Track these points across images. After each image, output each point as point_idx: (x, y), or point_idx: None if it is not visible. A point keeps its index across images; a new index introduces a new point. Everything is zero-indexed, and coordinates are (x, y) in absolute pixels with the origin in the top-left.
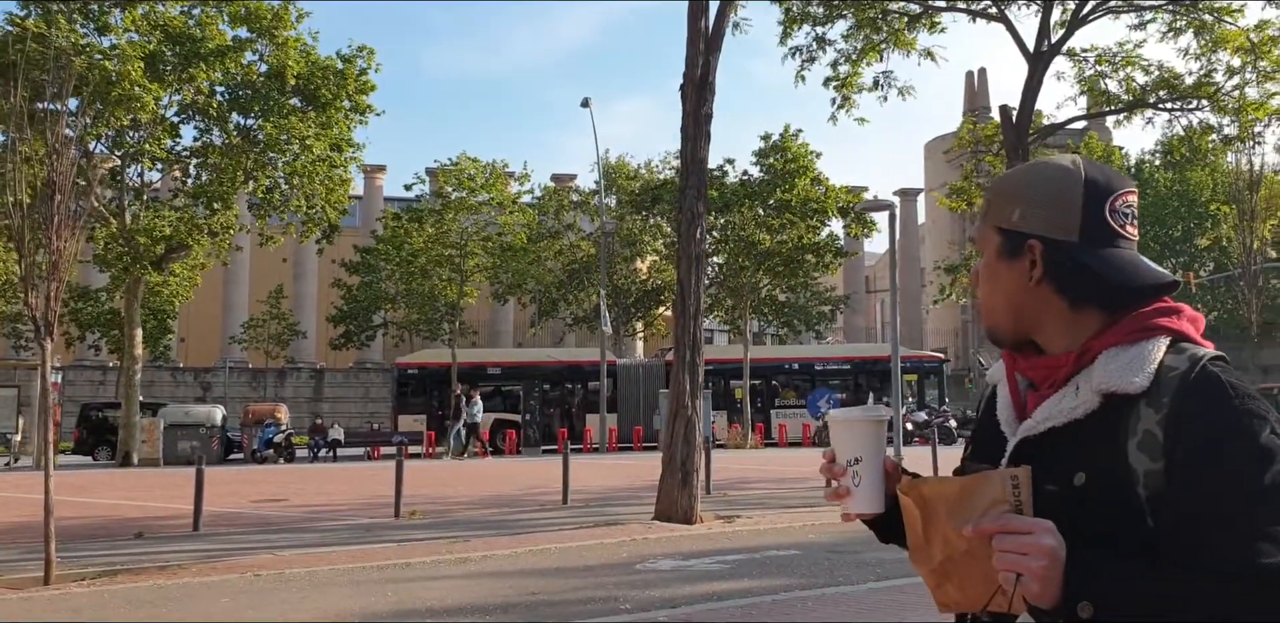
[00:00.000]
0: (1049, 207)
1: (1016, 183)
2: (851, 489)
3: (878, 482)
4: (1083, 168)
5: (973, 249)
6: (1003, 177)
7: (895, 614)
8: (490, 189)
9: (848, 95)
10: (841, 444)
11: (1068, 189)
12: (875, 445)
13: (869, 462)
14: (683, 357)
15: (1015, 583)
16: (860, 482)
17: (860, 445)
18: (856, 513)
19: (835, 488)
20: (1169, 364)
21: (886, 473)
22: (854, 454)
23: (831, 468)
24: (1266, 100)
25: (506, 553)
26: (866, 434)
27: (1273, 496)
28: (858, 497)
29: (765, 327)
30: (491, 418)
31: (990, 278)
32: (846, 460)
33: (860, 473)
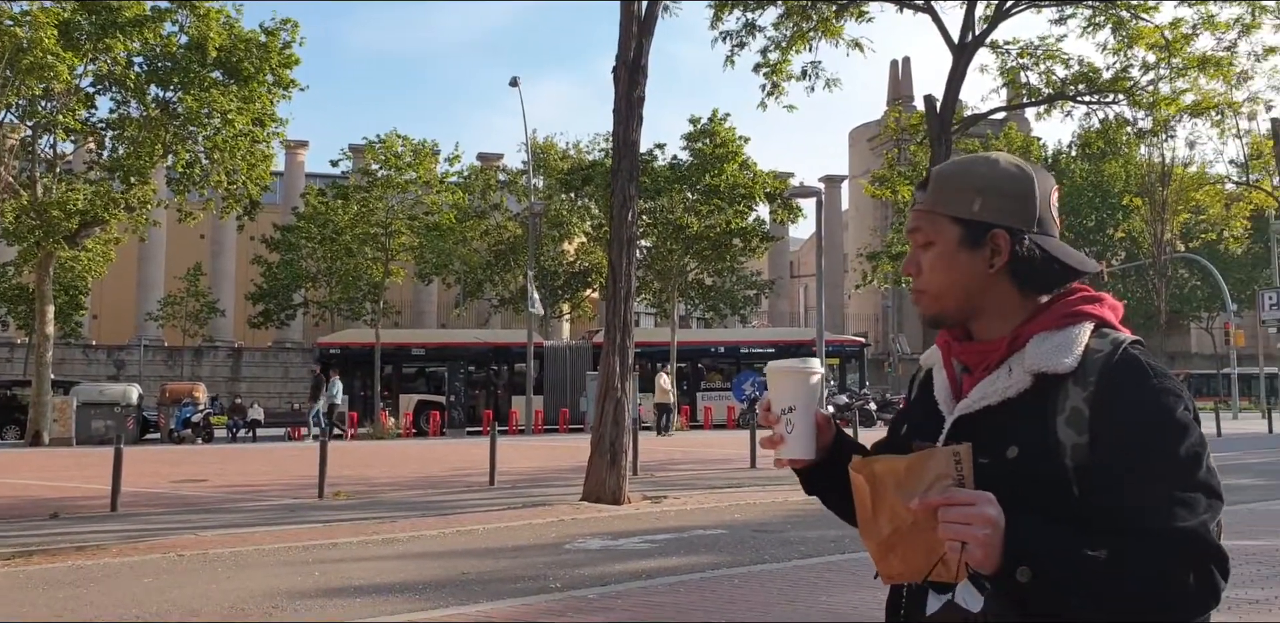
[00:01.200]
0: (1010, 198)
1: (973, 175)
2: (785, 436)
3: (809, 430)
4: (1022, 163)
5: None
6: (951, 169)
7: (820, 590)
8: (418, 168)
9: (777, 82)
10: (777, 393)
11: (1024, 182)
12: (809, 396)
13: (802, 411)
14: (613, 339)
15: (960, 551)
16: (793, 430)
17: (794, 395)
18: (788, 458)
19: (770, 435)
20: (1094, 347)
21: (818, 424)
22: (788, 403)
23: (768, 416)
24: (1179, 96)
25: (434, 534)
26: (800, 385)
27: (1187, 465)
28: (790, 444)
29: (691, 310)
30: (415, 399)
31: (947, 266)
32: (781, 409)
33: (794, 422)
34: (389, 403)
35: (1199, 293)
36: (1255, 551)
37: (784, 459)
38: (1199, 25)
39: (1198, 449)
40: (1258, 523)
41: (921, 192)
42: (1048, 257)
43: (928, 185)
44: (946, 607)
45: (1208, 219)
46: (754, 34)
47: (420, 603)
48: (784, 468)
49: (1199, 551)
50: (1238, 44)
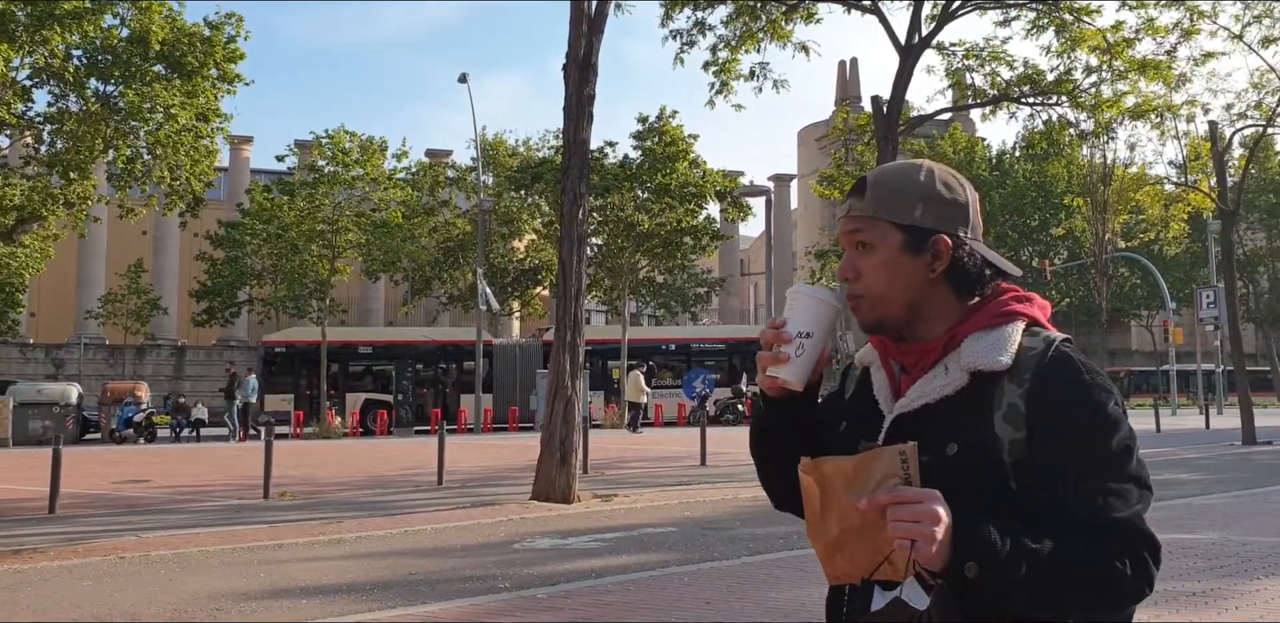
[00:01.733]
0: (949, 205)
1: (914, 182)
2: (792, 358)
3: (814, 361)
4: (953, 171)
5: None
6: (890, 176)
7: (769, 587)
8: (365, 164)
9: (726, 81)
10: (798, 317)
11: (961, 189)
12: (828, 328)
13: (817, 340)
14: (563, 337)
15: (910, 549)
16: (803, 354)
17: (816, 323)
18: (784, 379)
19: (776, 353)
20: (1027, 345)
21: (822, 360)
22: (808, 329)
23: (781, 334)
24: (1120, 98)
25: (382, 534)
26: (826, 314)
27: (1120, 458)
28: (794, 367)
29: (642, 308)
30: (362, 398)
31: (890, 272)
32: (798, 332)
33: (805, 348)
34: (335, 402)
35: (1139, 291)
36: (1193, 544)
37: (779, 379)
38: (1140, 29)
39: (1128, 442)
40: (1195, 517)
41: (857, 197)
42: (983, 261)
43: (864, 191)
44: (892, 604)
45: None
46: (704, 33)
47: (367, 604)
48: (770, 387)
49: (1134, 540)
50: (1177, 48)
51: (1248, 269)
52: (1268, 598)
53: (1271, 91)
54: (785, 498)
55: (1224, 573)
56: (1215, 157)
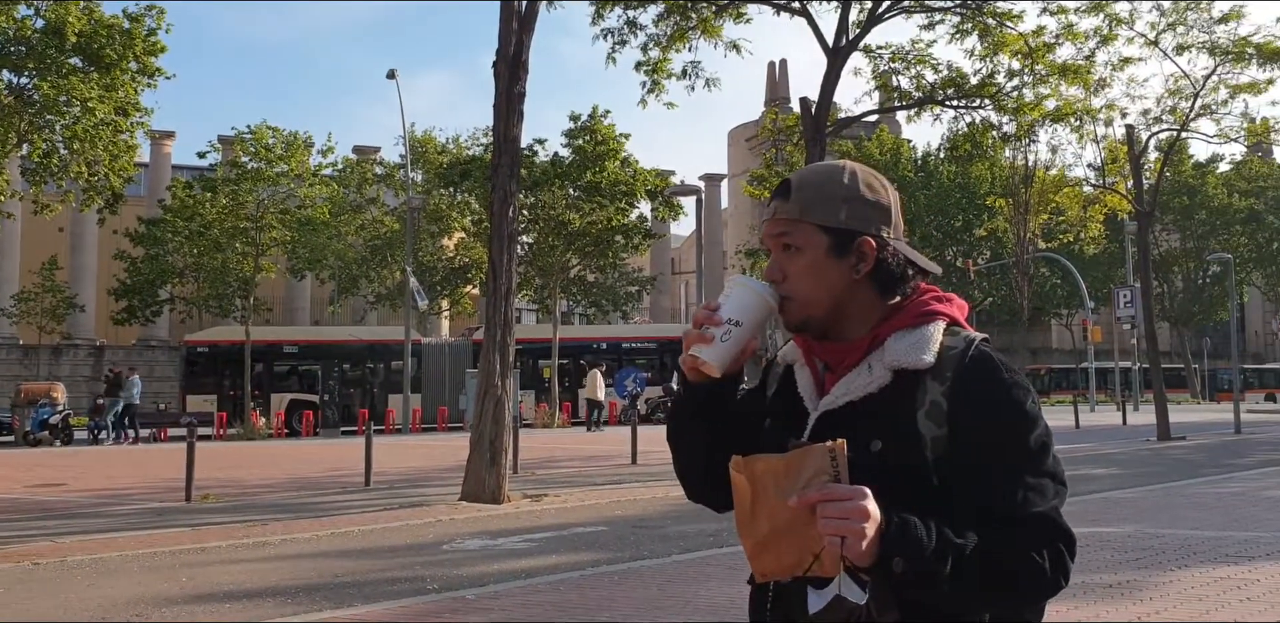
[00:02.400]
0: (873, 207)
1: (837, 184)
2: (716, 340)
3: (737, 350)
4: (875, 172)
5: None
6: (815, 178)
7: (699, 585)
8: (290, 160)
9: (658, 80)
10: (733, 304)
11: (884, 190)
12: (758, 321)
13: (744, 330)
14: (493, 336)
15: (840, 545)
16: (728, 340)
17: (747, 314)
18: (704, 360)
19: (702, 332)
20: (948, 344)
21: (745, 352)
22: (739, 317)
23: (712, 316)
24: (1041, 102)
25: (308, 536)
26: (758, 309)
27: (1038, 454)
28: (716, 350)
29: (574, 306)
30: (287, 398)
31: (817, 274)
32: (729, 318)
33: (732, 334)
34: (260, 402)
35: (1059, 291)
36: (1109, 537)
37: (698, 359)
38: (1060, 34)
39: (1045, 439)
40: (1111, 510)
41: (781, 199)
42: (906, 260)
43: (789, 194)
44: (833, 603)
45: (1067, 220)
46: (635, 32)
47: (292, 607)
48: (690, 367)
49: (1052, 534)
50: (1095, 54)
51: (1163, 269)
52: (1181, 589)
53: (1185, 97)
54: (698, 488)
55: (1139, 565)
56: (1132, 160)
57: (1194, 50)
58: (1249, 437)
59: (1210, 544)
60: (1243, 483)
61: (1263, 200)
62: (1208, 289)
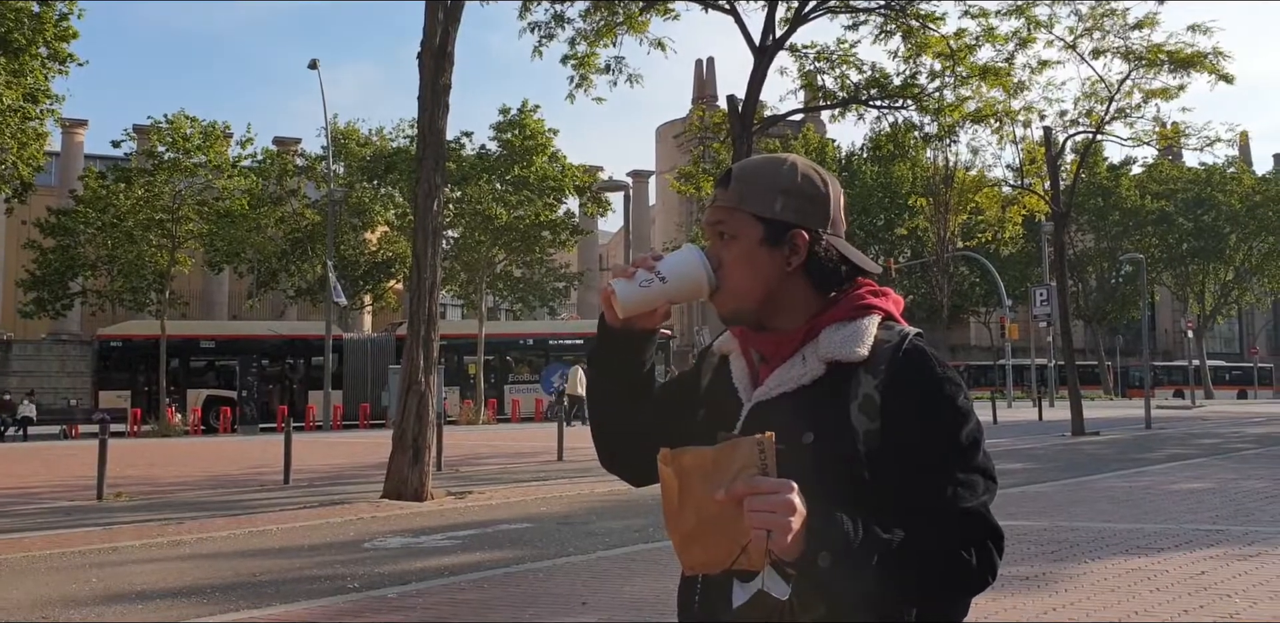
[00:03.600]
0: (809, 200)
1: (776, 176)
2: (636, 279)
3: (648, 301)
4: (818, 167)
5: (698, 232)
6: (754, 168)
7: (624, 580)
8: (208, 151)
9: (585, 74)
10: (673, 263)
11: (821, 185)
12: (683, 288)
13: (666, 288)
14: (416, 331)
15: (766, 539)
16: (646, 287)
17: (679, 277)
18: (614, 290)
19: (627, 269)
20: (882, 338)
21: (658, 312)
22: (669, 274)
23: (648, 262)
24: (961, 103)
25: (224, 535)
26: (692, 278)
27: (968, 450)
28: (630, 289)
29: (500, 302)
30: (204, 394)
31: (749, 264)
32: (661, 272)
33: (653, 285)
34: (176, 399)
35: (978, 289)
36: (1025, 530)
37: (609, 288)
38: (981, 37)
39: (976, 435)
40: (1027, 504)
41: (722, 187)
42: (840, 257)
43: (730, 182)
44: (756, 597)
45: (985, 220)
46: (562, 26)
47: (208, 607)
48: (604, 296)
49: (981, 530)
50: (1015, 56)
51: (1078, 269)
52: (1094, 580)
53: (1100, 100)
54: (613, 457)
55: (1055, 557)
56: (1049, 161)
57: (1110, 55)
58: (1159, 432)
59: (1122, 537)
60: (1152, 477)
61: (1173, 203)
62: (1120, 288)
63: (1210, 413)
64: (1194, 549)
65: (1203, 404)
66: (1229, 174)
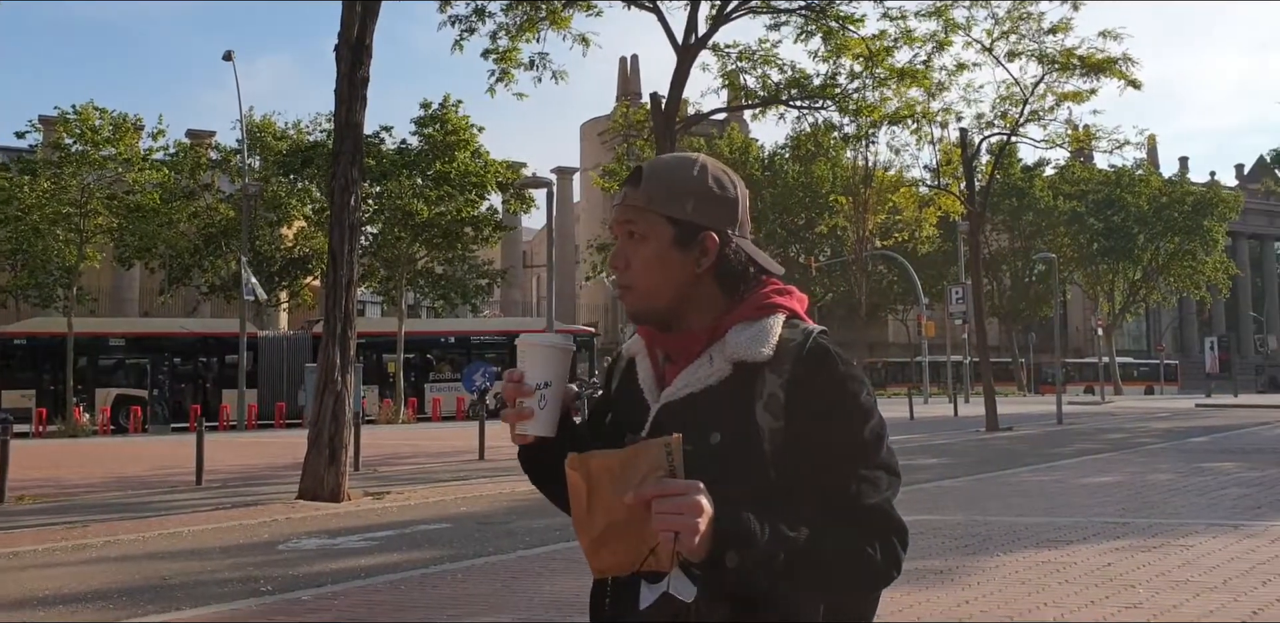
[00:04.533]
0: (719, 203)
1: (687, 178)
2: (536, 411)
3: (559, 406)
4: (727, 169)
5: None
6: (665, 169)
7: (544, 580)
8: (118, 143)
9: (506, 69)
10: (534, 368)
11: (730, 187)
12: (564, 373)
13: (556, 387)
14: (333, 329)
15: (674, 541)
16: (545, 405)
17: (552, 371)
18: (535, 435)
19: (520, 409)
20: (787, 337)
21: (566, 403)
22: (545, 379)
23: (521, 388)
24: (880, 104)
25: (133, 538)
26: (560, 360)
27: (872, 446)
28: (540, 419)
29: (421, 299)
30: (113, 393)
31: (659, 265)
32: (537, 383)
33: (547, 397)
34: (83, 398)
35: (896, 287)
36: (939, 524)
37: (529, 436)
38: (899, 39)
39: (880, 431)
40: (942, 498)
41: (632, 186)
42: (748, 258)
43: (640, 182)
44: (661, 600)
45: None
46: (483, 20)
47: (114, 612)
48: (525, 443)
49: (884, 526)
50: (931, 58)
51: (992, 268)
52: (1006, 574)
53: (1015, 103)
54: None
55: (968, 551)
56: (965, 162)
57: (1024, 58)
58: (1070, 427)
59: (1033, 530)
60: (1063, 471)
61: (1084, 203)
62: (1034, 287)
63: (1119, 409)
64: (1101, 542)
65: (1112, 400)
66: (1137, 176)
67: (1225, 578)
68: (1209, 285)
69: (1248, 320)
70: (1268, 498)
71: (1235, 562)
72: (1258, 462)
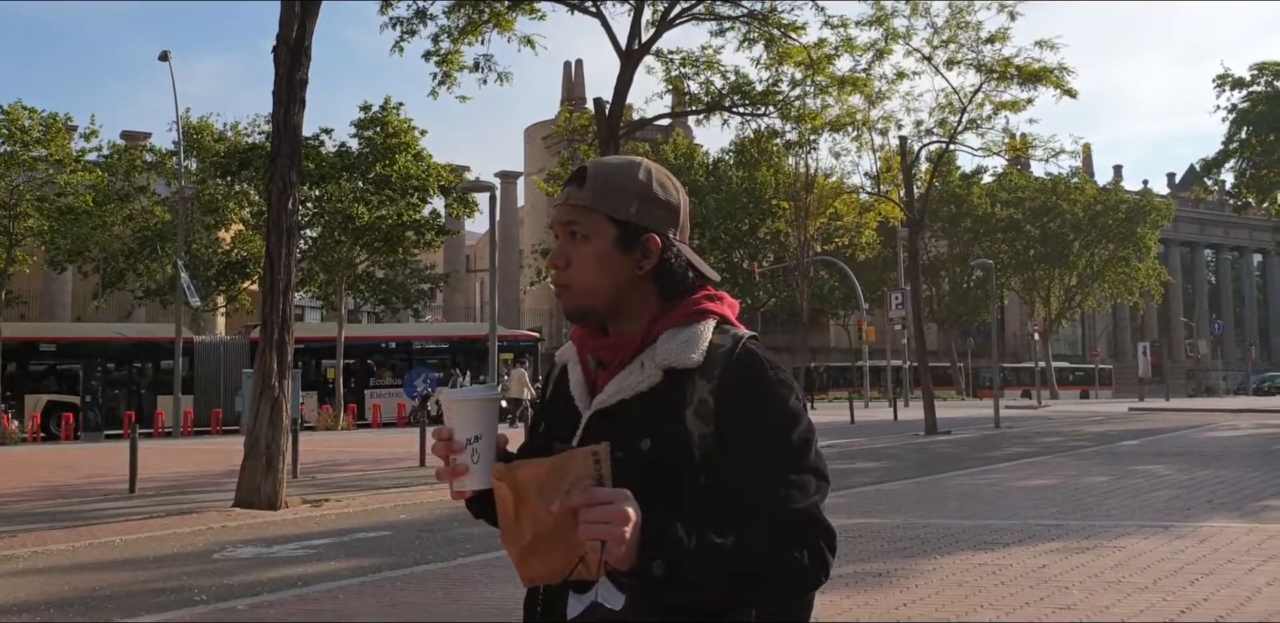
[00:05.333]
0: (662, 206)
1: (632, 179)
2: (470, 467)
3: (492, 459)
4: (670, 173)
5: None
6: (610, 170)
7: (484, 587)
8: (48, 144)
9: (449, 72)
10: (462, 423)
11: (675, 192)
12: (492, 423)
13: (486, 439)
14: (270, 334)
15: (601, 550)
16: (479, 459)
17: (479, 424)
18: (473, 489)
19: (453, 466)
20: (716, 342)
21: (499, 446)
22: (474, 432)
23: (450, 446)
24: (821, 111)
25: (63, 548)
26: (485, 412)
27: (800, 450)
28: (475, 474)
29: (361, 304)
30: (44, 399)
31: (601, 265)
32: (466, 438)
33: (479, 451)
34: (13, 404)
35: (836, 293)
36: (878, 528)
37: (466, 491)
38: (839, 47)
39: (808, 436)
40: (881, 501)
41: (575, 186)
42: (688, 263)
43: (584, 182)
44: (589, 609)
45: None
46: (425, 22)
47: None
48: (465, 497)
49: (812, 530)
50: (872, 66)
51: (931, 273)
52: (943, 576)
53: (954, 111)
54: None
55: (906, 553)
56: (904, 169)
57: (963, 66)
58: (1007, 431)
59: (970, 532)
60: (1000, 474)
61: (1021, 211)
62: (972, 292)
63: (1054, 412)
64: (1036, 543)
65: (1048, 404)
66: (1073, 184)
67: (1155, 578)
68: (1142, 291)
69: (1179, 326)
70: (1196, 500)
71: (1165, 562)
72: (1187, 464)
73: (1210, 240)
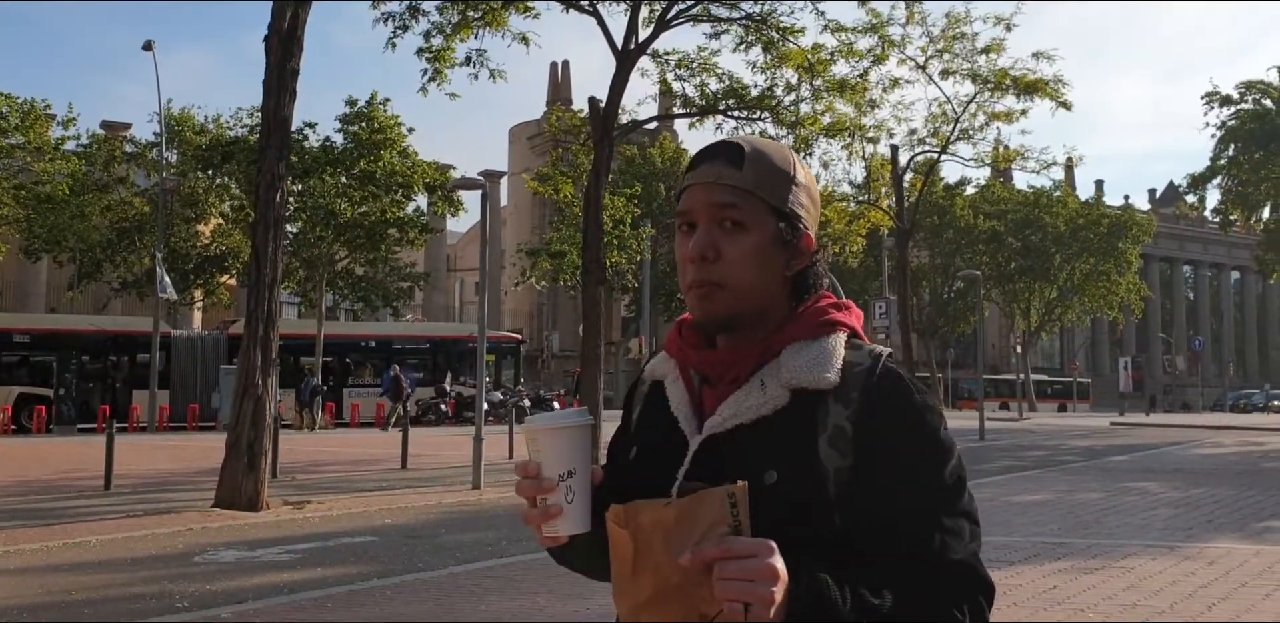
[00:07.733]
0: (814, 203)
1: (786, 163)
2: (564, 507)
3: (589, 495)
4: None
5: (554, 235)
6: (768, 152)
7: (478, 599)
8: (26, 132)
9: (440, 69)
10: (551, 456)
11: (815, 186)
12: (586, 456)
13: (581, 475)
14: (254, 330)
15: (744, 613)
16: (574, 498)
17: (573, 457)
18: (568, 533)
19: (545, 508)
20: (851, 360)
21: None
22: (567, 467)
23: (541, 484)
24: (818, 117)
25: (35, 547)
26: (579, 442)
27: (953, 490)
28: (570, 516)
29: (340, 301)
30: (16, 392)
31: (761, 261)
32: (559, 475)
33: (574, 489)
34: None
35: None
36: None
37: (559, 538)
38: (837, 52)
39: (960, 472)
40: None
41: (729, 165)
42: (824, 270)
43: (741, 161)
44: None
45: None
46: (417, 18)
47: None
48: (558, 544)
49: (972, 584)
50: (869, 72)
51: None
52: None
53: (947, 121)
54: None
55: None
56: (895, 179)
57: (958, 76)
58: (991, 443)
59: None
60: (992, 489)
61: (1004, 223)
62: (953, 303)
63: (1036, 425)
64: (1043, 562)
65: (1029, 416)
66: (1055, 197)
67: (1171, 602)
68: (1122, 306)
69: (1157, 342)
70: (1196, 519)
71: (1177, 585)
72: (1180, 482)
73: (1189, 257)
